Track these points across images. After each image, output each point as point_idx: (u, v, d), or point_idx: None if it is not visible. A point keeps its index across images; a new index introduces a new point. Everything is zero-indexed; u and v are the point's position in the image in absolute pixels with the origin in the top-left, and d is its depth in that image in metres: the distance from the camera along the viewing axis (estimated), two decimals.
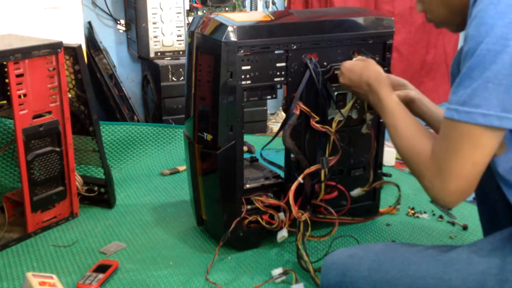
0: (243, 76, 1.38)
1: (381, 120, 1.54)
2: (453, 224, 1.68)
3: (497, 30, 0.92)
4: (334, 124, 1.42)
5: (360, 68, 1.30)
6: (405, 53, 3.19)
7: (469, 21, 0.97)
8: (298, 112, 1.41)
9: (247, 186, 1.49)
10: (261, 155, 1.54)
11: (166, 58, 2.64)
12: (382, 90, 1.22)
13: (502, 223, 1.14)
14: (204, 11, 2.76)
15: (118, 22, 2.79)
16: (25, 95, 1.49)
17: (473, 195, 1.87)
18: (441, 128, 1.01)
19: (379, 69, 1.28)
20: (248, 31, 1.36)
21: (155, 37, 2.61)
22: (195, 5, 2.73)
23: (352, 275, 1.16)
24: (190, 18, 2.57)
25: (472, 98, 0.94)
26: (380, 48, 1.53)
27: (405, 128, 1.13)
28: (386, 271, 1.12)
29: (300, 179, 1.40)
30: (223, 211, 1.46)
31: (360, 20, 1.52)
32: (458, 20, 1.07)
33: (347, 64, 1.34)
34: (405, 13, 3.13)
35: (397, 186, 1.51)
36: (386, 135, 1.42)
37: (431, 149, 1.04)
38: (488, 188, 1.17)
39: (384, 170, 1.66)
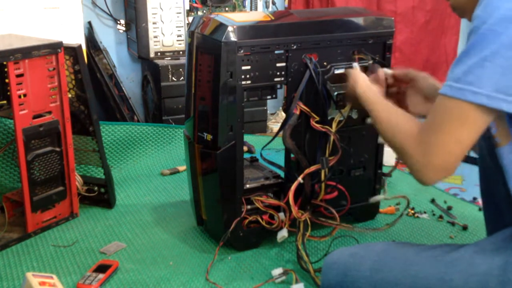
0: (243, 76, 1.38)
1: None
2: (453, 224, 1.68)
3: (502, 12, 0.93)
4: (334, 124, 1.42)
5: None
6: (407, 52, 3.18)
7: (479, 2, 0.99)
8: (298, 112, 1.41)
9: (247, 186, 1.49)
10: (261, 155, 1.54)
11: (166, 58, 2.63)
12: (367, 92, 1.26)
13: (506, 221, 1.14)
14: (204, 11, 2.75)
15: (118, 22, 2.79)
16: (25, 95, 1.49)
17: (473, 194, 1.88)
18: (434, 104, 1.03)
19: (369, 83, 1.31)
20: (248, 31, 1.36)
21: (155, 37, 2.61)
22: (195, 5, 2.73)
23: (353, 275, 1.16)
24: (190, 18, 2.57)
25: (467, 75, 0.95)
26: (380, 48, 1.53)
27: (393, 113, 1.15)
28: (387, 271, 1.12)
29: (300, 179, 1.40)
30: (223, 211, 1.46)
31: (360, 20, 1.52)
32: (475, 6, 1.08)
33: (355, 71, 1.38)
34: (408, 12, 3.12)
35: (407, 199, 1.51)
36: None
37: (416, 127, 1.05)
38: (493, 185, 1.17)
39: (384, 170, 1.66)
